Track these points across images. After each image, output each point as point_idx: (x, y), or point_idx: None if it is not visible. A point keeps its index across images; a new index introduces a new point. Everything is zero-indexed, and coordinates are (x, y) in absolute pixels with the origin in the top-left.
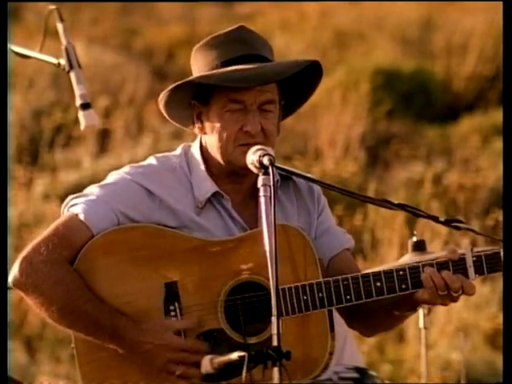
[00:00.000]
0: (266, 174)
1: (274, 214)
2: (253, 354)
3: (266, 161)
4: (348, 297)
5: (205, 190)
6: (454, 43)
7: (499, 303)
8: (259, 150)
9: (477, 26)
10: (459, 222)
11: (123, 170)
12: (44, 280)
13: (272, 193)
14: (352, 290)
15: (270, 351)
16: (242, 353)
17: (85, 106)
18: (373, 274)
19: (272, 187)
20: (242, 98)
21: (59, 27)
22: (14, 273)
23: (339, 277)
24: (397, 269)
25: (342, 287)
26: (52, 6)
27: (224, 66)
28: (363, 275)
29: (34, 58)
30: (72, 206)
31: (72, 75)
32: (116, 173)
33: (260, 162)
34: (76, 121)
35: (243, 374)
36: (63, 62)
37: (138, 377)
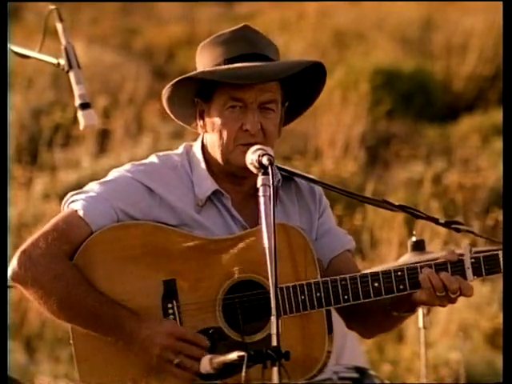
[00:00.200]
0: (266, 173)
1: (274, 214)
2: (252, 353)
3: (265, 161)
4: (346, 297)
5: (205, 188)
6: (454, 43)
7: (499, 303)
8: (258, 149)
9: (477, 25)
10: (459, 224)
11: (124, 167)
12: (43, 273)
13: (271, 192)
14: (350, 290)
15: (270, 351)
16: (242, 352)
17: (84, 105)
18: (371, 274)
19: (271, 187)
20: (243, 96)
21: (59, 27)
22: (12, 267)
23: (337, 277)
24: (395, 269)
25: (339, 287)
26: (52, 6)
27: (227, 64)
28: (361, 275)
29: (34, 58)
30: (72, 202)
31: (71, 75)
32: (117, 170)
33: (259, 162)
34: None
35: (243, 373)
36: (63, 61)
37: (136, 374)
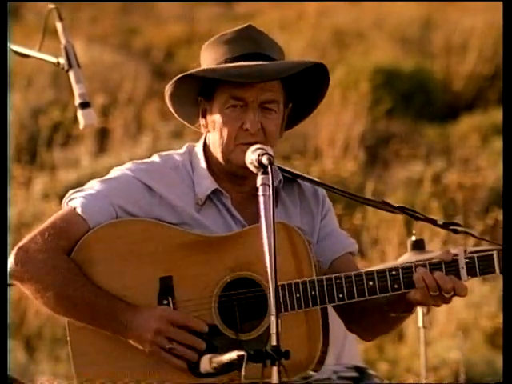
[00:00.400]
0: (265, 173)
1: (273, 213)
2: (252, 353)
3: (264, 160)
4: (341, 295)
5: (205, 187)
6: (454, 43)
7: (499, 302)
8: (258, 149)
9: (476, 25)
10: (457, 225)
11: (125, 166)
12: (40, 267)
13: (271, 192)
14: (345, 289)
15: (269, 351)
16: (241, 352)
17: (84, 104)
18: (365, 273)
19: (271, 186)
20: (243, 95)
21: (58, 26)
22: (10, 263)
23: (332, 275)
24: (389, 268)
25: (334, 285)
26: (51, 6)
27: (229, 63)
28: (356, 274)
29: (34, 57)
30: (71, 200)
31: (71, 74)
32: (118, 169)
33: (259, 162)
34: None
35: (242, 373)
36: (62, 61)
37: (133, 367)
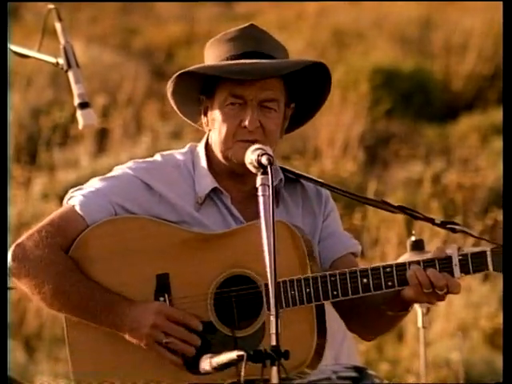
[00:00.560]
0: (265, 173)
1: (273, 213)
2: (252, 353)
3: (264, 160)
4: (335, 292)
5: (204, 185)
6: (454, 43)
7: (499, 302)
8: (258, 149)
9: (476, 25)
10: (454, 224)
11: (127, 164)
12: (37, 263)
13: (270, 192)
14: (339, 286)
15: (269, 351)
16: (241, 352)
17: (83, 105)
18: (360, 270)
19: (270, 186)
20: (243, 92)
21: (58, 26)
22: (8, 260)
23: (327, 272)
24: (383, 266)
25: (329, 283)
26: (51, 6)
27: (230, 61)
28: (350, 271)
29: (33, 58)
30: (71, 198)
31: (70, 74)
32: (119, 167)
33: (258, 162)
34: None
35: (242, 373)
36: (61, 61)
37: (130, 363)
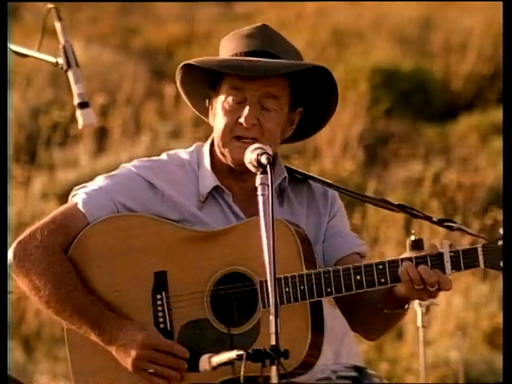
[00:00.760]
0: (264, 173)
1: (273, 213)
2: (251, 352)
3: (263, 160)
4: (329, 289)
5: (207, 184)
6: (453, 42)
7: (498, 302)
8: (257, 148)
9: (476, 25)
10: (452, 222)
11: (132, 162)
12: (36, 265)
13: (270, 192)
14: (332, 283)
15: (269, 350)
16: (241, 351)
17: (83, 104)
18: (353, 267)
19: (270, 186)
20: (243, 86)
21: (57, 26)
22: (9, 257)
23: (320, 270)
24: (376, 263)
25: (323, 280)
26: (50, 5)
27: (236, 57)
28: (344, 269)
29: (32, 57)
30: (74, 195)
31: (70, 74)
32: (124, 165)
33: (258, 161)
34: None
35: (241, 372)
36: (61, 60)
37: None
